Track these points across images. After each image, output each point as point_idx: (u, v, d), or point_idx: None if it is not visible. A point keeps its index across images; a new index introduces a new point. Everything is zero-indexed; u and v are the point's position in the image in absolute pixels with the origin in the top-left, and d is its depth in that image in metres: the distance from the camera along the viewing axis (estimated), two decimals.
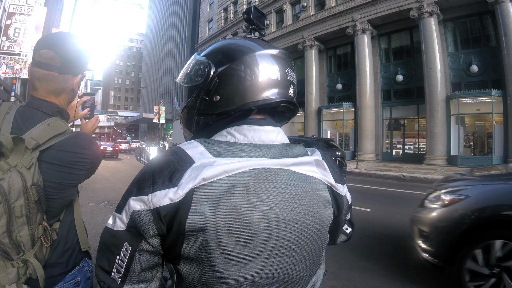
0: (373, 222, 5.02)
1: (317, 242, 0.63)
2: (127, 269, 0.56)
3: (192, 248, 0.54)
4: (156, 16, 63.85)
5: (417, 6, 14.45)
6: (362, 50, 16.74)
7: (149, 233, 0.55)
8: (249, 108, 0.63)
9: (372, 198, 7.12)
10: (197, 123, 0.68)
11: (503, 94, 12.45)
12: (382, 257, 3.53)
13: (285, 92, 0.65)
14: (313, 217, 0.61)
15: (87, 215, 5.61)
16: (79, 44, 1.01)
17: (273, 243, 0.57)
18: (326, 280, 2.89)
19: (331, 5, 18.74)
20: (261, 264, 0.57)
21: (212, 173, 0.54)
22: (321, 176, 0.63)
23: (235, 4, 29.46)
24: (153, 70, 63.38)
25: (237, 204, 0.55)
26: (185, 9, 47.63)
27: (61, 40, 0.98)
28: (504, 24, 12.09)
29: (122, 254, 0.56)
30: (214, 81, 0.63)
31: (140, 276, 0.57)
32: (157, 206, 0.54)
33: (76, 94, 1.11)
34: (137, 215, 0.55)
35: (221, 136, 0.63)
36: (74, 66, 1.00)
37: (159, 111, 36.10)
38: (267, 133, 0.63)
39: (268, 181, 0.58)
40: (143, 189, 0.56)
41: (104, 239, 0.59)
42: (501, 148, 12.55)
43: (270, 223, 0.57)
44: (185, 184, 0.53)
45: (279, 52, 0.67)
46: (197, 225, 0.53)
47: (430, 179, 9.67)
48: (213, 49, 0.69)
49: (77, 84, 1.06)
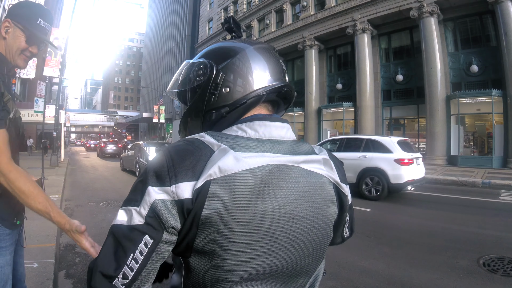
0: (373, 222, 5.02)
1: (323, 238, 0.65)
2: (138, 272, 0.52)
3: (204, 241, 0.54)
4: (156, 15, 63.78)
5: (417, 6, 14.44)
6: (362, 50, 16.73)
7: (170, 224, 0.53)
8: (259, 94, 0.65)
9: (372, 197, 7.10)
10: (209, 118, 0.67)
11: (503, 94, 12.43)
12: (382, 257, 3.53)
13: (283, 78, 0.70)
14: (321, 214, 0.63)
15: (87, 215, 5.60)
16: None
17: (283, 238, 0.59)
18: (326, 280, 2.89)
19: (331, 4, 18.73)
20: (270, 258, 0.58)
21: (229, 166, 0.54)
22: (328, 174, 0.65)
23: (235, 3, 29.44)
24: (153, 70, 63.31)
25: (252, 199, 0.55)
26: (185, 8, 47.58)
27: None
28: (504, 24, 12.07)
29: (138, 251, 0.52)
30: (221, 75, 0.65)
31: (148, 277, 0.54)
32: (181, 198, 0.53)
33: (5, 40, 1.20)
34: (159, 205, 0.53)
35: (231, 131, 0.63)
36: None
37: (159, 111, 36.06)
38: (277, 129, 0.65)
39: (281, 177, 0.58)
40: (164, 179, 0.54)
41: (117, 236, 0.53)
42: (501, 148, 12.53)
43: (281, 219, 0.58)
44: (205, 175, 0.53)
45: (269, 46, 0.73)
46: (213, 218, 0.53)
47: (430, 179, 9.66)
48: (210, 50, 0.71)
49: (5, 29, 1.18)
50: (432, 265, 3.27)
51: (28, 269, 2.69)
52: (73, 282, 2.95)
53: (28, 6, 1.22)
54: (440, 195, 7.42)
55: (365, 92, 16.55)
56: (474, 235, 4.21)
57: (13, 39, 1.19)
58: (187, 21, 46.09)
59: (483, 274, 3.02)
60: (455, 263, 3.29)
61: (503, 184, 8.41)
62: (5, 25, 1.18)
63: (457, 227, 4.64)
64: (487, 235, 4.19)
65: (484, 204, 6.41)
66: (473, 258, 3.41)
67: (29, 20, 1.19)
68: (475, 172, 10.80)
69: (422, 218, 5.20)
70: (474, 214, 5.54)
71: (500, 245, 3.79)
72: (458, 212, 5.70)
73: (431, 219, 5.12)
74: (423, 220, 5.09)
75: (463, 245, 3.83)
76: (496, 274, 3.02)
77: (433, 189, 8.20)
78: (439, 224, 4.79)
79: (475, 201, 6.69)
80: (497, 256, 3.43)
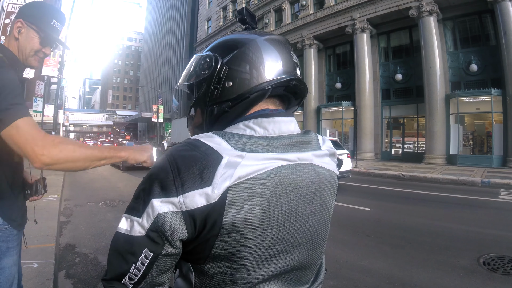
0: (373, 221, 5.02)
1: (327, 231, 0.68)
2: (142, 277, 0.53)
3: (223, 247, 0.53)
4: (155, 15, 63.66)
5: (417, 5, 14.44)
6: (361, 49, 16.73)
7: (176, 236, 0.51)
8: (263, 88, 0.62)
9: (372, 197, 7.11)
10: (211, 113, 0.65)
11: (503, 93, 12.44)
12: (382, 257, 3.53)
13: (293, 72, 0.66)
14: (326, 209, 0.65)
15: (86, 214, 5.59)
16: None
17: (297, 235, 0.60)
18: (327, 280, 2.88)
19: (330, 3, 18.72)
20: (287, 256, 0.60)
21: (247, 171, 0.52)
22: (334, 168, 0.67)
23: (233, 2, 29.40)
24: (151, 69, 63.22)
25: (270, 200, 0.55)
26: (183, 8, 47.50)
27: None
28: (503, 23, 12.08)
29: (140, 262, 0.52)
30: (224, 68, 0.63)
31: (155, 281, 0.54)
32: (191, 208, 0.50)
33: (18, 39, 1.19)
34: (164, 219, 0.50)
35: (238, 129, 0.61)
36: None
37: (157, 110, 36.05)
38: (286, 123, 0.64)
39: (296, 176, 0.59)
40: (169, 189, 0.51)
41: (118, 246, 0.53)
42: (500, 147, 12.55)
43: (296, 217, 0.59)
44: (221, 182, 0.50)
45: (281, 37, 0.69)
46: (234, 225, 0.51)
47: (429, 178, 9.69)
48: (217, 43, 0.69)
49: (17, 29, 1.17)
50: (432, 264, 3.27)
51: (28, 269, 2.69)
52: (73, 282, 2.94)
53: (42, 6, 1.20)
54: (440, 194, 7.43)
55: (364, 91, 16.55)
56: (474, 234, 4.22)
57: (27, 40, 1.17)
58: (185, 20, 46.03)
59: (483, 273, 3.02)
60: (455, 262, 3.29)
61: (502, 183, 8.42)
62: (18, 26, 1.16)
63: (457, 226, 4.64)
64: (487, 234, 4.19)
65: (483, 203, 6.42)
66: (473, 257, 3.41)
67: (44, 21, 1.17)
68: (475, 171, 10.82)
69: (422, 217, 5.21)
70: (474, 213, 5.55)
71: (500, 244, 3.79)
72: (458, 211, 5.71)
73: (431, 218, 5.12)
74: (423, 219, 5.10)
75: (463, 244, 3.84)
76: (496, 273, 3.02)
77: (433, 189, 8.21)
78: (439, 223, 4.80)
79: (474, 200, 6.70)
80: (497, 255, 3.43)
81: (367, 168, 12.25)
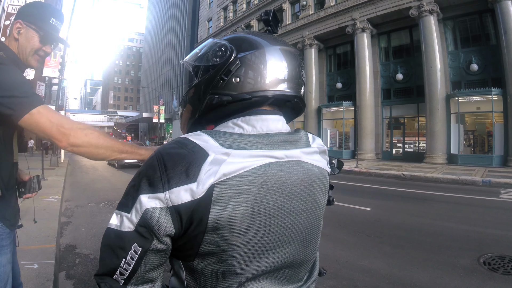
0: (373, 221, 5.02)
1: (319, 227, 0.68)
2: (133, 272, 0.54)
3: (211, 244, 0.54)
4: (156, 15, 63.73)
5: (417, 4, 14.42)
6: (361, 49, 16.72)
7: (163, 232, 0.52)
8: (266, 95, 0.62)
9: (372, 197, 7.11)
10: (210, 101, 0.64)
11: (503, 93, 12.42)
12: (382, 256, 3.52)
13: (298, 89, 0.67)
14: (317, 206, 0.65)
15: (87, 215, 5.60)
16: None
17: (286, 232, 0.60)
18: (326, 280, 2.88)
19: (330, 4, 18.71)
20: (276, 253, 0.60)
21: (232, 168, 0.53)
22: (324, 165, 0.67)
23: (234, 3, 29.42)
24: (152, 70, 63.28)
25: (257, 198, 0.55)
26: (184, 8, 47.55)
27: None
28: (504, 22, 12.05)
29: (129, 257, 0.53)
30: (236, 63, 0.62)
31: (146, 277, 0.55)
32: (176, 204, 0.51)
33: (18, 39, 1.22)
34: (152, 214, 0.52)
35: (227, 128, 0.62)
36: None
37: (158, 111, 36.09)
38: (274, 122, 0.64)
39: (284, 174, 0.59)
40: (156, 185, 0.52)
41: (108, 241, 0.55)
42: (501, 146, 12.52)
43: (285, 214, 0.59)
44: (206, 179, 0.51)
45: (296, 51, 0.69)
46: (220, 221, 0.52)
47: (430, 178, 9.67)
48: (236, 37, 0.68)
49: (16, 30, 1.19)
50: (433, 264, 3.27)
51: (28, 270, 2.70)
52: (74, 283, 2.94)
53: (40, 6, 1.22)
54: (441, 194, 7.42)
55: (365, 91, 16.54)
56: (474, 234, 4.21)
57: (26, 40, 1.19)
58: (186, 21, 46.08)
59: (484, 273, 3.02)
60: (455, 262, 3.29)
61: (503, 182, 8.41)
62: (17, 26, 1.18)
63: (457, 225, 4.64)
64: (487, 234, 4.18)
65: (484, 202, 6.41)
66: (473, 256, 3.41)
67: (43, 20, 1.19)
68: (475, 170, 10.80)
69: (422, 217, 5.20)
70: (475, 212, 5.53)
71: (501, 244, 3.79)
72: (458, 210, 5.70)
73: (432, 218, 5.11)
74: (424, 219, 5.09)
75: (463, 244, 3.83)
76: (497, 272, 3.01)
77: (434, 188, 8.19)
78: (439, 223, 4.79)
79: (475, 199, 6.69)
80: (497, 255, 3.42)
81: (368, 168, 12.24)
